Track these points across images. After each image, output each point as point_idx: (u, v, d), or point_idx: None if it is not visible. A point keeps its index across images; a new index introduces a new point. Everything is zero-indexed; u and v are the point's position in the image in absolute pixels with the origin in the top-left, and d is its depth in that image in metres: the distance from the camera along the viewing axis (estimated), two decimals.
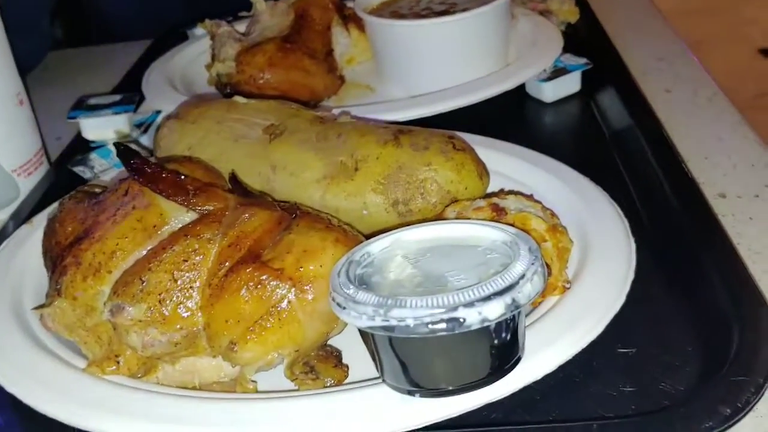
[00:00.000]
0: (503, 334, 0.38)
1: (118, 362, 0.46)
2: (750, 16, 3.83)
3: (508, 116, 0.75)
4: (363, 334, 0.41)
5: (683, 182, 0.60)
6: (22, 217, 0.67)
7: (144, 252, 0.46)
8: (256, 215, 0.47)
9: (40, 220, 0.62)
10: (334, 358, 0.46)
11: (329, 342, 0.47)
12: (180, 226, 0.47)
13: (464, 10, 0.79)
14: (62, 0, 1.08)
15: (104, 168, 0.71)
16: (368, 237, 0.47)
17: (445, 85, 0.75)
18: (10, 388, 0.46)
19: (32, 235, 0.60)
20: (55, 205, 0.62)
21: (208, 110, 0.62)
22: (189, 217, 0.48)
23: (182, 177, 0.48)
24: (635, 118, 0.69)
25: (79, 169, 0.71)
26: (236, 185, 0.51)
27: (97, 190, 0.55)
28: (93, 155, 0.73)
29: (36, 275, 0.56)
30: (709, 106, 0.74)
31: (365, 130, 0.58)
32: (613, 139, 0.70)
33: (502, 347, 0.39)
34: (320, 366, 0.45)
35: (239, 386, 0.44)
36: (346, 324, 0.45)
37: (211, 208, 0.48)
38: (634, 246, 0.50)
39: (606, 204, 0.55)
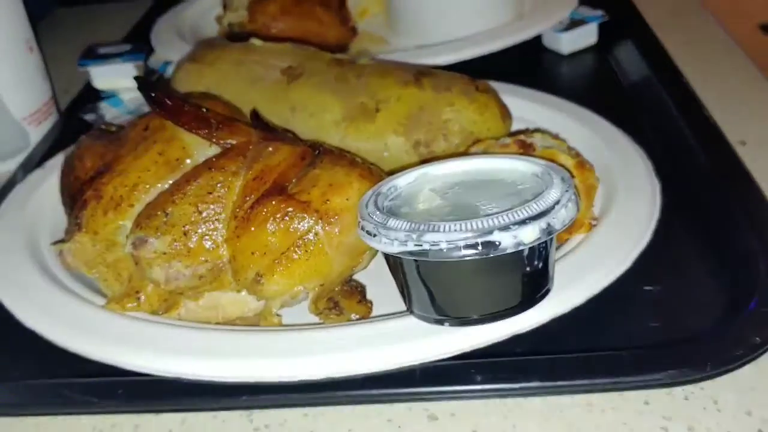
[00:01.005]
0: (535, 262, 0.38)
1: (138, 298, 0.45)
2: None
3: (524, 67, 0.75)
4: (391, 266, 0.41)
5: (705, 127, 0.59)
6: (32, 165, 0.66)
7: (166, 186, 0.46)
8: (280, 149, 0.46)
9: (53, 165, 0.61)
10: (358, 293, 0.45)
11: (353, 278, 0.47)
12: (203, 159, 0.47)
13: None
14: None
15: (115, 116, 0.70)
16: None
17: (460, 37, 0.75)
18: (31, 325, 0.45)
19: (46, 179, 0.60)
20: (70, 147, 0.61)
21: (224, 53, 0.61)
22: (212, 150, 0.47)
23: (204, 110, 0.48)
24: (654, 68, 0.69)
25: (89, 117, 0.71)
26: (258, 121, 0.50)
27: (114, 129, 0.54)
28: (103, 104, 0.72)
29: (51, 217, 0.56)
30: (727, 59, 0.73)
31: (385, 71, 0.58)
32: (631, 89, 0.69)
33: (534, 275, 0.38)
34: (344, 301, 0.45)
35: (263, 320, 0.44)
36: (371, 258, 0.45)
37: (235, 142, 0.47)
38: (659, 186, 0.50)
39: (629, 146, 0.54)
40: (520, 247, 0.35)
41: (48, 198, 0.57)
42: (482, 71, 0.68)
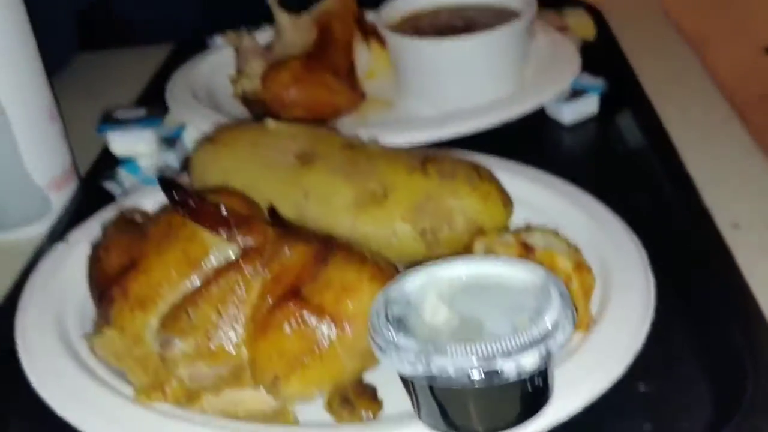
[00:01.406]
0: (536, 381, 0.41)
1: (164, 391, 0.48)
2: (755, 12, 3.82)
3: (525, 136, 0.77)
4: (400, 375, 0.44)
5: (698, 213, 0.62)
6: (57, 233, 0.69)
7: (189, 284, 0.49)
8: (294, 249, 0.49)
9: (76, 238, 0.64)
10: (369, 392, 0.48)
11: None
12: (223, 258, 0.49)
13: (483, 25, 0.82)
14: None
15: (133, 184, 0.73)
16: (398, 265, 0.49)
17: (465, 102, 0.77)
18: (63, 413, 0.48)
19: (69, 254, 0.63)
20: (91, 224, 0.64)
21: (242, 134, 0.64)
22: (231, 249, 0.50)
23: (224, 210, 0.50)
24: (651, 143, 0.71)
25: (109, 185, 0.73)
26: (275, 217, 0.53)
27: (138, 217, 0.57)
28: (122, 170, 0.75)
29: (77, 295, 0.58)
30: (722, 128, 0.76)
31: (393, 157, 0.61)
32: (629, 163, 0.72)
33: (535, 392, 0.41)
34: (356, 399, 0.47)
35: (281, 417, 0.47)
36: None
37: (253, 241, 0.50)
38: (653, 281, 0.52)
39: (625, 236, 0.57)
40: (522, 376, 0.38)
41: (73, 274, 0.60)
42: (484, 137, 0.72)
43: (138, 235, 0.53)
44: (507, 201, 0.59)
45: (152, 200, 0.65)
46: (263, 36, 0.93)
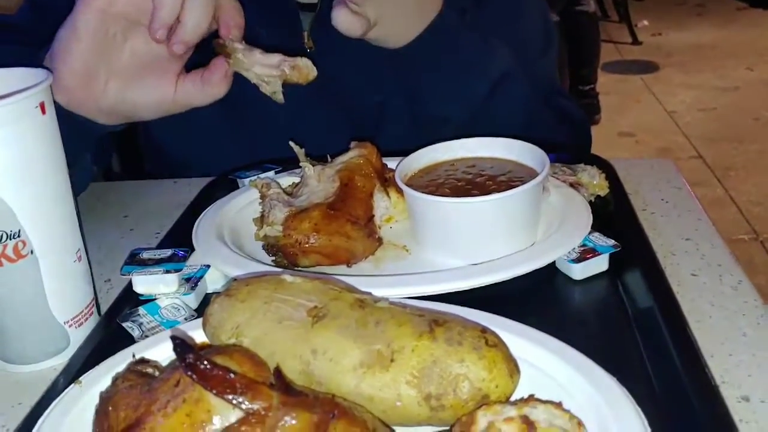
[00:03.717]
0: None
1: None
2: None
3: (535, 290, 0.78)
4: None
5: (705, 385, 0.61)
6: (72, 371, 0.71)
7: None
8: (297, 417, 0.50)
9: (90, 381, 0.66)
10: None
11: None
12: (226, 422, 0.50)
13: (497, 179, 0.85)
14: (121, 135, 1.15)
15: (152, 326, 0.75)
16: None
17: (479, 256, 0.79)
18: None
19: (81, 397, 0.64)
20: (106, 367, 0.66)
21: (257, 289, 0.66)
22: (234, 414, 0.51)
23: (231, 375, 0.52)
24: (659, 307, 0.72)
25: (127, 325, 0.75)
26: (280, 381, 0.54)
27: (149, 370, 0.58)
28: (141, 310, 0.77)
29: None
30: (734, 295, 0.76)
31: (402, 319, 0.62)
32: (637, 324, 0.72)
33: None
34: None
35: None
36: None
37: (256, 407, 0.51)
38: None
39: (630, 409, 0.57)
40: None
41: (83, 417, 0.61)
42: (493, 291, 0.73)
43: (146, 390, 0.54)
44: (513, 370, 0.60)
45: (166, 348, 0.67)
46: (289, 178, 0.98)
